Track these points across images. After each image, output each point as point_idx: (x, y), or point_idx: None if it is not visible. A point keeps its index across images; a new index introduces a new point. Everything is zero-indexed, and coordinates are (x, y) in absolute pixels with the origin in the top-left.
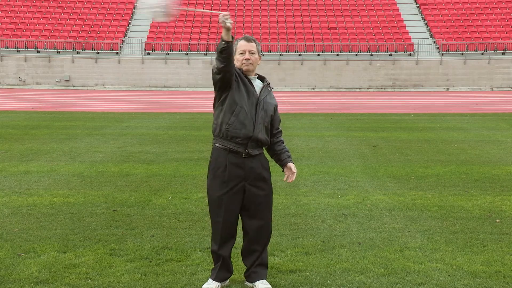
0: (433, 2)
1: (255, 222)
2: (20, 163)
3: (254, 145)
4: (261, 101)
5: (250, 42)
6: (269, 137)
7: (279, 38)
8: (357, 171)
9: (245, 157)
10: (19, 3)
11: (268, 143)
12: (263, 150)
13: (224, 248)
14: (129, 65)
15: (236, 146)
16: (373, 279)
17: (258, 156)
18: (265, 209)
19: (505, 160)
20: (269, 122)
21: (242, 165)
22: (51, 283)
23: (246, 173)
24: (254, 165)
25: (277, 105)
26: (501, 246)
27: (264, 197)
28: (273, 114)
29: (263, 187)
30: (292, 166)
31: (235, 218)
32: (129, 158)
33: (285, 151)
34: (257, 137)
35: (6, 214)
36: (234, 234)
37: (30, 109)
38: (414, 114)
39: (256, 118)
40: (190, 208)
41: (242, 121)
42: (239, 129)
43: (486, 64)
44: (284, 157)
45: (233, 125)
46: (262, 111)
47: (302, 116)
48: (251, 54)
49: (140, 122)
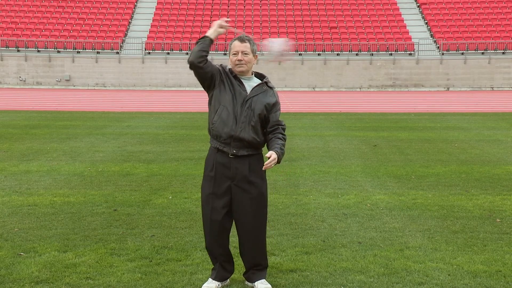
0: (434, 2)
1: (242, 225)
2: (21, 162)
3: (238, 144)
4: (248, 99)
5: (244, 42)
6: (260, 137)
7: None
8: (357, 171)
9: (231, 157)
10: (20, 3)
11: (258, 143)
12: (258, 152)
13: (215, 247)
14: (129, 64)
15: (222, 145)
16: (374, 278)
17: (247, 157)
18: (252, 213)
19: (506, 160)
20: (257, 121)
21: (228, 165)
22: (52, 283)
23: (232, 174)
24: (240, 166)
25: (273, 104)
26: (502, 246)
27: (250, 200)
28: (265, 113)
29: (250, 190)
30: (270, 152)
31: (224, 218)
32: (130, 158)
33: (276, 143)
34: (240, 136)
35: (7, 214)
36: (226, 235)
37: (30, 108)
38: (414, 113)
39: (240, 117)
40: (191, 208)
41: (225, 120)
42: (221, 128)
43: (487, 63)
44: (273, 147)
45: (216, 124)
46: (248, 110)
47: (302, 115)
48: (244, 54)
49: (140, 122)
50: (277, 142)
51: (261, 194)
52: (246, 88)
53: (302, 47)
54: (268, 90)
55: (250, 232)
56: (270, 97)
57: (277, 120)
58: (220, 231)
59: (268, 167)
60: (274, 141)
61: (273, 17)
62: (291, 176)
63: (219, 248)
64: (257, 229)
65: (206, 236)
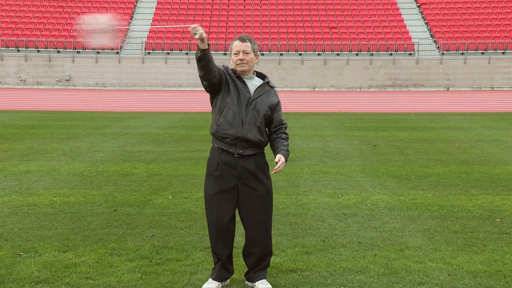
0: (433, 2)
1: (250, 223)
2: (21, 162)
3: (244, 145)
4: (252, 101)
5: (245, 42)
6: (264, 137)
7: (280, 38)
8: (357, 171)
9: (237, 157)
10: (20, 3)
11: (263, 143)
12: (262, 151)
13: (220, 247)
14: (129, 64)
15: (227, 146)
16: (374, 278)
17: (253, 156)
18: (260, 210)
19: (506, 160)
20: (262, 121)
21: (234, 165)
22: (51, 283)
23: (238, 172)
24: (247, 164)
25: (276, 104)
26: (502, 246)
27: (258, 198)
28: (269, 113)
29: (257, 187)
30: (279, 156)
31: (230, 218)
32: (130, 158)
33: (281, 144)
34: (246, 137)
35: (7, 214)
36: (231, 234)
37: (30, 108)
38: (414, 113)
39: (246, 118)
40: (191, 208)
41: (230, 121)
42: (227, 130)
43: (487, 63)
44: (279, 149)
45: (221, 126)
46: (253, 111)
47: (302, 115)
48: (245, 54)
49: (140, 122)
50: (282, 144)
51: (268, 191)
52: (250, 88)
53: (302, 47)
54: (270, 90)
55: (260, 227)
56: (273, 97)
57: (280, 120)
58: (225, 232)
59: (278, 171)
60: (278, 141)
61: (273, 17)
62: (291, 176)
63: (225, 249)
64: (265, 224)
65: (212, 237)
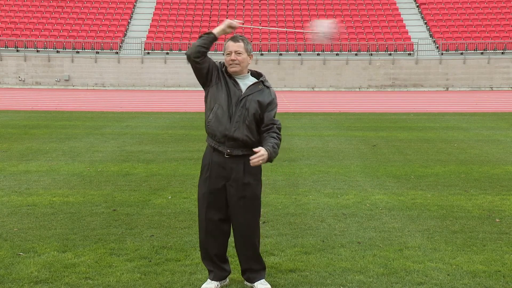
0: (433, 2)
1: (235, 226)
2: (20, 162)
3: (233, 144)
4: (243, 98)
5: (237, 42)
6: (254, 136)
7: (279, 38)
8: (356, 171)
9: (227, 157)
10: (19, 3)
11: (252, 142)
12: (252, 152)
13: (210, 245)
14: (128, 64)
15: (217, 144)
16: (373, 278)
17: (242, 157)
18: (246, 214)
19: (505, 160)
20: (252, 120)
21: (224, 165)
22: (51, 283)
23: (227, 173)
24: (235, 166)
25: (269, 103)
26: (501, 246)
27: (244, 201)
28: (259, 112)
29: (243, 191)
30: (259, 148)
31: (220, 218)
32: (129, 158)
33: (269, 141)
34: (233, 136)
35: (6, 214)
36: (223, 234)
37: (29, 108)
38: (413, 113)
39: (234, 116)
40: (190, 208)
41: (219, 118)
42: (216, 127)
43: (486, 63)
44: (264, 144)
45: (211, 122)
46: (243, 109)
47: (301, 115)
48: (237, 54)
49: (139, 122)
50: (269, 141)
51: (254, 195)
52: (241, 87)
53: (301, 47)
54: (264, 89)
55: (243, 233)
56: (266, 96)
57: (271, 119)
58: (215, 230)
59: (255, 162)
60: (267, 139)
61: (273, 17)
62: (291, 176)
63: (214, 248)
64: (249, 230)
65: (201, 234)
